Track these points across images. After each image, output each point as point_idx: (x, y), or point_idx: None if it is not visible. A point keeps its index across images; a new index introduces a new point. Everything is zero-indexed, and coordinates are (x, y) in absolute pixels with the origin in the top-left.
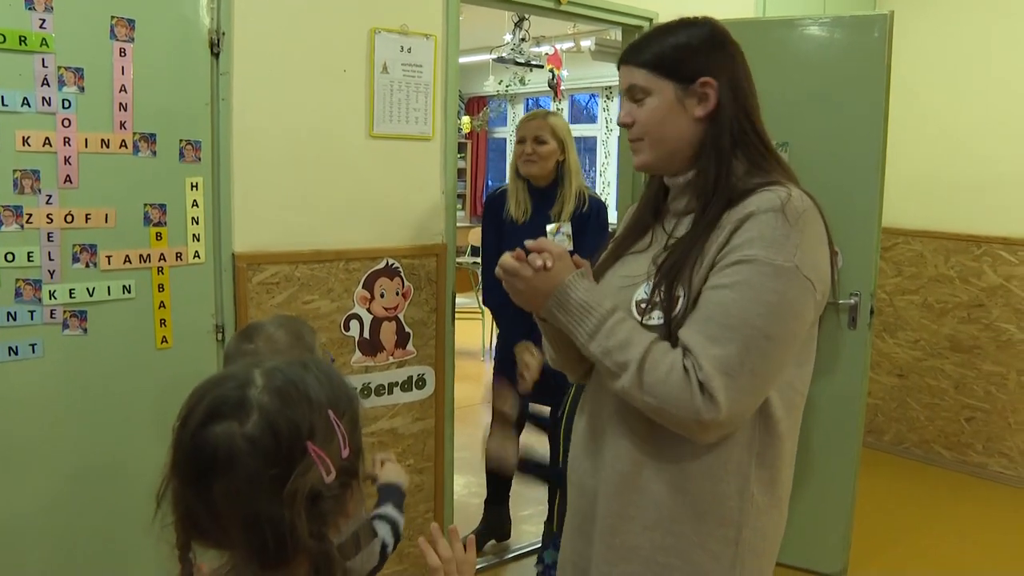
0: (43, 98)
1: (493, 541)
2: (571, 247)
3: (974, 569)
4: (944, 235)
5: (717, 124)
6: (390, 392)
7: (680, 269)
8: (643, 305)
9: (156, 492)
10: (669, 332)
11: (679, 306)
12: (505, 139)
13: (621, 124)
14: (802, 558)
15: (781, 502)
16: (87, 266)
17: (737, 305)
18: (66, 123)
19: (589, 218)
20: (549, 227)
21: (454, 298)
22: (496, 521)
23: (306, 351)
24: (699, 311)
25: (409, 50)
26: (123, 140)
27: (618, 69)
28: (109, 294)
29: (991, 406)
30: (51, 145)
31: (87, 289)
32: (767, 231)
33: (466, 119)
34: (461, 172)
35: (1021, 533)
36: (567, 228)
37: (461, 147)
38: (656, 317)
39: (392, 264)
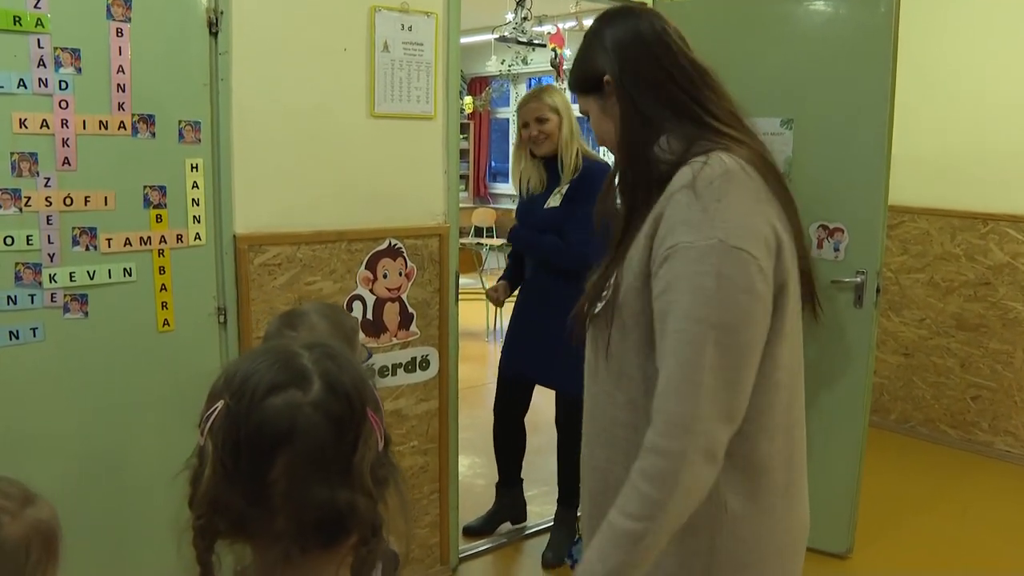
0: (40, 79)
1: (508, 524)
2: (558, 204)
3: (980, 548)
4: (950, 213)
5: (623, 116)
6: (393, 373)
7: (618, 258)
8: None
9: (189, 498)
10: (593, 314)
11: (609, 290)
12: (508, 119)
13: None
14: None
15: (773, 509)
16: (87, 249)
17: (677, 306)
18: (63, 105)
19: (580, 185)
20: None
21: (457, 278)
22: (510, 504)
23: (345, 342)
24: (656, 320)
25: (410, 28)
26: (121, 121)
27: None
28: (110, 277)
29: (997, 384)
30: (49, 127)
31: (87, 272)
32: (683, 212)
33: (468, 99)
34: (464, 153)
35: None
36: (563, 190)
37: (464, 128)
38: (590, 304)
39: (395, 244)
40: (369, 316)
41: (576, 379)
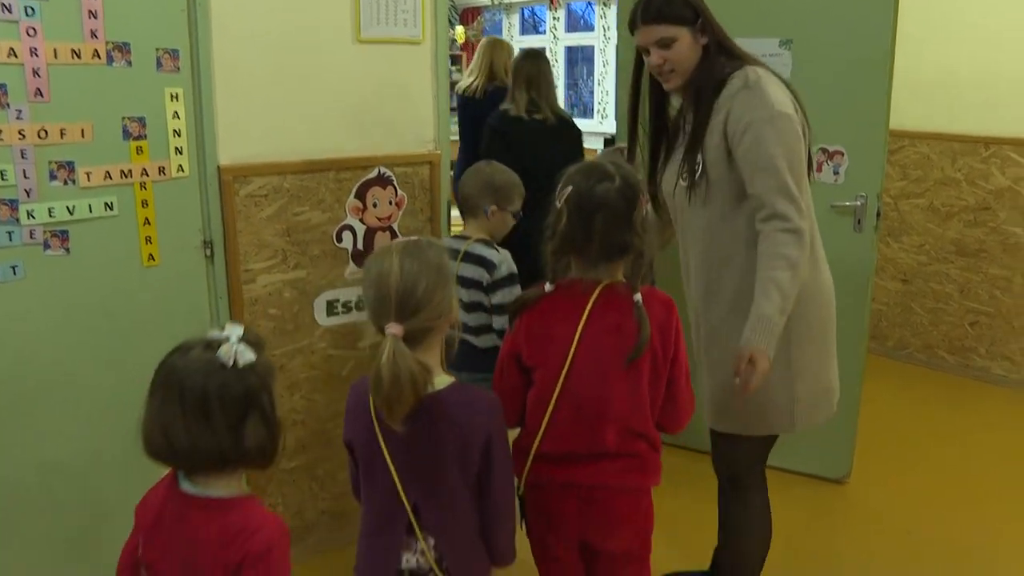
0: (3, 5)
1: None
2: None
3: (977, 472)
4: (951, 137)
5: (710, 46)
6: None
7: (696, 144)
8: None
9: (551, 229)
10: (693, 183)
11: (699, 167)
12: None
13: (657, 69)
14: (806, 464)
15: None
16: (65, 183)
17: (761, 151)
18: (31, 32)
19: None
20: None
21: (449, 207)
22: None
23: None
24: (744, 169)
25: None
26: (95, 50)
27: (633, 31)
28: (91, 212)
29: (995, 310)
30: (17, 56)
31: (67, 207)
32: (748, 102)
33: (460, 29)
34: (457, 84)
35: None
36: None
37: (456, 59)
38: (685, 179)
39: (384, 173)
40: (360, 246)
41: None
